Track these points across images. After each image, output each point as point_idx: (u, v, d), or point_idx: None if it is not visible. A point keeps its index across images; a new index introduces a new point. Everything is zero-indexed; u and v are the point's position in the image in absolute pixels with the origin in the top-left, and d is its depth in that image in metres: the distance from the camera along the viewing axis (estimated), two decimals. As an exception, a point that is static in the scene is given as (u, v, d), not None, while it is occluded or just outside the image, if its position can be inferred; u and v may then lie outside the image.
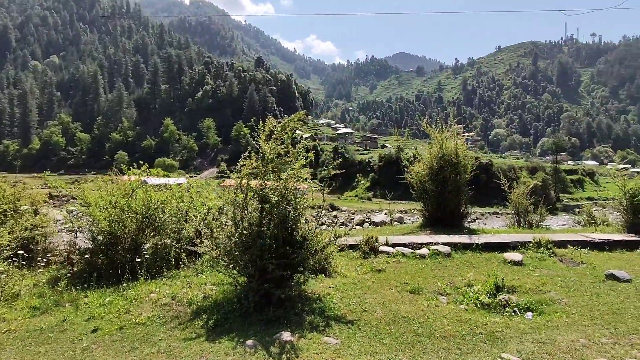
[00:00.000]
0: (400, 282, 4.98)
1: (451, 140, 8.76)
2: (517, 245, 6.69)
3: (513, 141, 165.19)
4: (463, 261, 6.04)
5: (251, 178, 4.48)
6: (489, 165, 44.61)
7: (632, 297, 4.45)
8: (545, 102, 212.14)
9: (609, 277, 5.12)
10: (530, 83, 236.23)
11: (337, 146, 72.51)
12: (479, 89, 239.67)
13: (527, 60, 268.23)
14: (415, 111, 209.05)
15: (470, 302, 4.37)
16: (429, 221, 8.85)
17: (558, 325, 3.71)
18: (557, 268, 5.68)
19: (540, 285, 4.86)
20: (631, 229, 7.78)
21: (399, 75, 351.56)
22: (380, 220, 27.06)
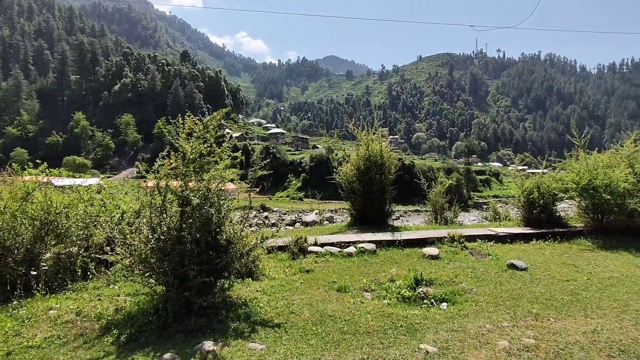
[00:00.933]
0: (328, 281, 5.04)
1: (377, 142, 9.14)
2: (434, 241, 7.20)
3: (432, 144, 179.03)
4: (387, 258, 6.33)
5: (171, 179, 4.18)
6: (411, 166, 47.72)
7: (528, 283, 5.04)
8: (459, 109, 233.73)
9: (510, 267, 5.74)
10: (446, 91, 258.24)
11: (269, 146, 71.81)
12: (402, 94, 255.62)
13: (444, 70, 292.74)
14: (345, 113, 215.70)
15: (393, 297, 4.57)
16: (356, 220, 9.14)
17: (468, 313, 4.04)
18: (468, 260, 6.22)
19: (454, 277, 5.27)
20: (527, 223, 8.86)
21: (329, 77, 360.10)
22: (311, 220, 27.38)
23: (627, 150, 8.95)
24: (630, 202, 7.93)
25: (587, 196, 8.28)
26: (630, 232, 8.02)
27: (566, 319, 3.88)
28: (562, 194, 8.92)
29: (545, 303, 4.31)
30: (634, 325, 3.69)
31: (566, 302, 4.36)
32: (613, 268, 5.83)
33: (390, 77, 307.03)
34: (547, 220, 8.69)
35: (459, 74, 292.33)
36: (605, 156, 8.98)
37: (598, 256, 6.59)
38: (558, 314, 3.99)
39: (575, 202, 9.18)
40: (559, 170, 10.17)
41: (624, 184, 7.82)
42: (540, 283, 5.04)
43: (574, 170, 8.79)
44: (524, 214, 9.02)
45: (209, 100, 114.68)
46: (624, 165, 8.49)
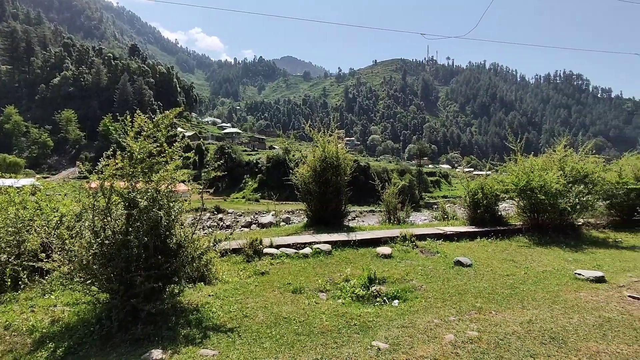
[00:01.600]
0: (283, 283, 5.01)
1: (333, 144, 9.25)
2: (388, 240, 7.43)
3: (387, 146, 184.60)
4: (342, 258, 6.42)
5: (116, 180, 3.95)
6: (366, 168, 48.86)
7: (472, 279, 5.35)
8: (412, 113, 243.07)
9: (456, 264, 6.06)
10: (400, 95, 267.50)
11: (224, 146, 70.05)
12: (358, 97, 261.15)
13: (398, 75, 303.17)
14: (302, 114, 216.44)
15: (347, 296, 4.65)
16: (312, 221, 9.18)
17: (418, 309, 4.21)
18: (418, 258, 6.48)
19: (405, 274, 5.47)
20: (473, 221, 9.41)
21: (287, 78, 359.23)
22: (267, 221, 27.08)
23: (558, 154, 9.81)
24: (561, 202, 8.67)
25: (525, 196, 8.94)
26: (562, 229, 8.78)
27: (506, 311, 4.17)
28: (503, 194, 9.58)
29: (487, 297, 4.60)
30: (562, 314, 4.04)
31: (506, 295, 4.68)
32: (547, 262, 6.35)
33: (347, 79, 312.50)
34: (490, 219, 9.30)
35: (412, 79, 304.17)
36: (540, 160, 9.76)
37: (534, 252, 7.15)
38: (499, 307, 4.27)
39: (514, 202, 9.88)
40: (501, 172, 10.90)
41: (556, 185, 8.55)
42: (484, 278, 5.37)
43: (513, 172, 9.46)
44: (470, 214, 9.57)
45: (160, 97, 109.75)
46: (556, 168, 9.29)
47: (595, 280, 5.24)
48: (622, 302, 4.48)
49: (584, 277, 5.34)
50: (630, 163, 11.12)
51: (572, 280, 5.31)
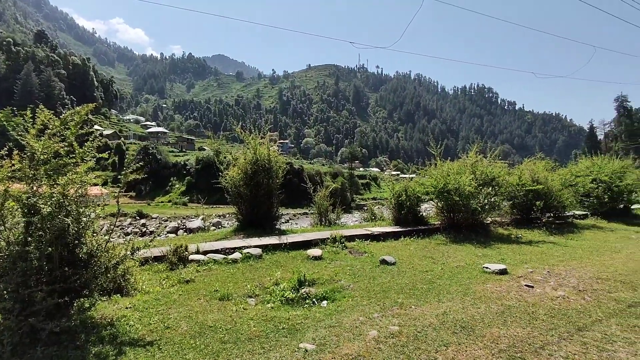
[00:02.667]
0: (209, 290, 4.83)
1: (265, 146, 9.17)
2: (318, 242, 7.56)
3: (320, 149, 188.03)
4: (273, 261, 6.38)
5: (13, 182, 3.48)
6: (300, 170, 49.23)
7: (396, 276, 5.67)
8: (344, 117, 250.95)
9: (382, 262, 6.38)
10: (333, 100, 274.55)
11: (148, 146, 65.37)
12: (293, 100, 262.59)
13: (331, 80, 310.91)
14: (235, 115, 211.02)
15: (277, 300, 4.62)
16: (243, 225, 8.98)
17: (345, 308, 4.34)
18: (347, 259, 6.69)
19: (334, 275, 5.61)
20: (397, 222, 9.99)
21: (218, 77, 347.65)
22: (196, 226, 25.89)
23: (471, 159, 10.85)
24: (473, 203, 9.59)
25: (443, 198, 9.73)
26: (473, 227, 9.71)
27: (424, 305, 4.48)
28: (424, 196, 10.32)
29: (408, 293, 4.91)
30: (472, 305, 4.47)
31: (425, 290, 5.04)
32: (460, 258, 6.97)
33: (281, 82, 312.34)
34: (413, 219, 9.95)
35: (344, 85, 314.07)
36: (455, 164, 10.70)
37: (450, 249, 7.81)
38: (418, 302, 4.58)
39: (434, 203, 10.70)
40: (422, 175, 11.73)
41: (469, 188, 9.44)
42: (406, 275, 5.72)
43: (433, 176, 10.25)
44: (395, 214, 10.14)
45: (74, 91, 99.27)
46: (469, 172, 10.26)
47: (499, 273, 5.89)
48: (520, 291, 5.09)
49: (490, 270, 5.96)
50: (529, 167, 12.69)
51: (480, 274, 5.90)
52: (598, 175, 14.38)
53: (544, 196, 11.45)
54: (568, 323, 4.01)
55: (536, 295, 4.89)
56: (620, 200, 14.63)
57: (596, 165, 15.31)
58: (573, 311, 4.37)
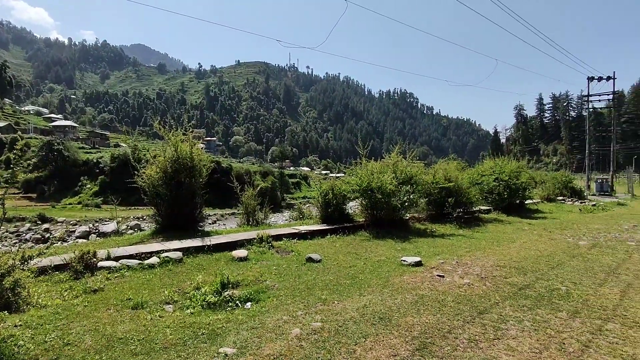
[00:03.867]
0: (121, 299, 4.43)
1: (187, 143, 8.71)
2: (244, 243, 7.39)
3: (250, 148, 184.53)
4: (194, 265, 6.08)
5: None
6: (228, 169, 47.73)
7: (321, 273, 5.78)
8: (275, 116, 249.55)
9: (308, 260, 6.45)
10: (263, 98, 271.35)
11: (52, 141, 57.98)
12: (221, 96, 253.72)
13: (261, 78, 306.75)
14: (156, 110, 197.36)
15: (197, 305, 4.41)
16: (162, 227, 8.43)
17: (269, 308, 4.30)
18: (273, 258, 6.65)
19: (260, 275, 5.53)
20: (324, 220, 10.20)
21: (138, 68, 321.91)
22: (111, 230, 23.65)
23: (392, 159, 11.51)
24: (393, 200, 10.17)
25: (367, 196, 10.17)
26: (394, 223, 10.31)
27: (346, 299, 4.63)
28: (350, 194, 10.68)
29: (332, 289, 5.03)
30: (390, 297, 4.73)
31: (348, 285, 5.21)
32: (381, 253, 7.35)
33: (208, 77, 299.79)
34: (339, 217, 10.24)
35: (275, 84, 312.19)
36: (378, 164, 11.26)
37: (373, 244, 8.19)
38: (341, 297, 4.72)
39: (359, 201, 11.14)
40: (349, 175, 12.13)
41: (390, 186, 9.99)
42: (330, 272, 5.86)
43: (358, 175, 10.66)
44: (322, 213, 10.34)
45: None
46: (390, 171, 10.86)
47: (415, 265, 6.33)
48: (432, 281, 5.52)
49: (407, 263, 6.38)
50: (442, 167, 13.84)
51: (399, 267, 6.28)
52: (499, 175, 16.23)
53: (455, 193, 12.58)
54: (471, 308, 4.44)
55: (446, 284, 5.35)
56: (517, 196, 16.69)
57: (498, 165, 17.25)
58: (476, 296, 4.85)
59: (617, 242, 9.12)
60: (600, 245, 8.77)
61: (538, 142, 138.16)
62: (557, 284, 5.50)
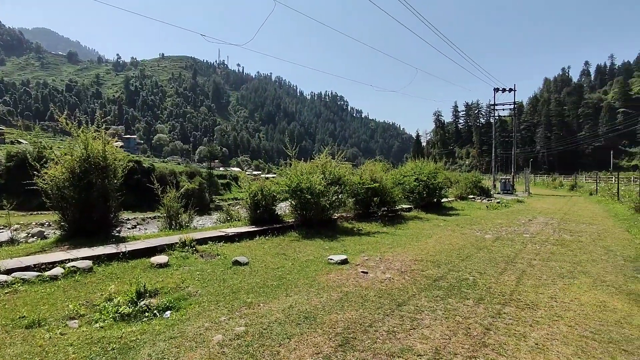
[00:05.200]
0: (12, 318, 3.87)
1: (100, 140, 7.94)
2: (165, 248, 6.96)
3: (175, 147, 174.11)
4: (107, 274, 5.55)
5: None
6: (150, 170, 44.53)
7: (247, 276, 5.66)
8: (203, 114, 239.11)
9: (234, 264, 6.28)
10: (190, 95, 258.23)
11: None
12: (142, 91, 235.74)
13: (188, 74, 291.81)
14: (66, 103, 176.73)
15: (108, 318, 4.03)
16: (69, 233, 7.57)
17: (190, 316, 4.09)
18: (197, 263, 6.35)
19: (181, 282, 5.24)
20: (253, 221, 10.03)
21: (42, 55, 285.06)
22: (5, 239, 20.62)
23: (321, 161, 11.72)
24: (322, 200, 10.37)
25: (296, 196, 10.22)
26: (323, 223, 10.52)
27: (272, 301, 4.59)
28: (280, 195, 10.64)
29: (258, 291, 4.96)
30: (316, 295, 4.80)
31: (275, 286, 5.18)
32: (310, 252, 7.44)
33: (128, 69, 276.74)
34: (268, 218, 10.15)
35: (203, 80, 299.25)
36: (308, 165, 11.40)
37: (302, 244, 8.25)
38: (267, 299, 4.67)
39: (289, 202, 11.15)
40: (279, 175, 12.09)
41: (319, 187, 10.17)
42: (257, 274, 5.77)
43: (288, 175, 10.67)
44: (251, 214, 10.16)
45: None
46: (319, 172, 11.06)
47: (341, 263, 6.52)
48: (357, 277, 5.72)
49: (334, 261, 6.54)
50: (369, 168, 14.46)
51: (325, 265, 6.41)
52: (419, 176, 17.45)
53: (380, 193, 13.23)
54: (391, 301, 4.70)
55: (369, 280, 5.59)
56: (434, 195, 18.10)
57: (418, 167, 18.54)
58: (396, 290, 5.15)
59: (516, 235, 10.35)
60: (502, 238, 9.88)
61: (454, 146, 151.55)
62: (466, 274, 6.07)
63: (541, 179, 69.97)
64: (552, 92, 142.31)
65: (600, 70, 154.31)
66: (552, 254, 7.81)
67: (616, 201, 21.50)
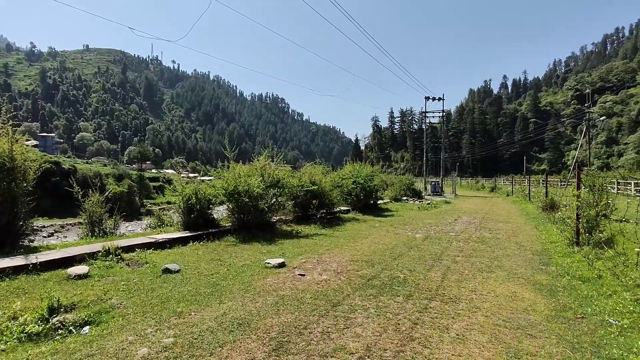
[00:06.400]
0: None
1: (5, 138, 7.04)
2: (86, 257, 6.36)
3: (101, 147, 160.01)
4: (12, 289, 4.92)
5: None
6: (71, 172, 40.49)
7: (179, 284, 5.38)
8: (133, 112, 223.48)
9: (164, 272, 5.93)
10: (119, 91, 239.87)
11: None
12: (62, 85, 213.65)
13: (117, 68, 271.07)
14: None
15: (12, 339, 3.57)
16: (-35, 245, 6.59)
17: (112, 330, 3.78)
18: (123, 273, 5.90)
19: (103, 294, 4.82)
20: (187, 226, 9.57)
21: None
22: None
23: (260, 163, 11.57)
24: (261, 203, 10.23)
25: (233, 200, 9.97)
26: (262, 226, 10.38)
27: (205, 309, 4.42)
28: (216, 198, 10.29)
29: (190, 299, 4.74)
30: (251, 301, 4.72)
31: (208, 294, 4.99)
32: (247, 257, 7.29)
33: (45, 60, 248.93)
34: (203, 223, 9.75)
35: (134, 76, 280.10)
36: (246, 167, 11.18)
37: (238, 249, 8.06)
38: (199, 307, 4.48)
39: (226, 205, 10.83)
40: (216, 178, 11.70)
41: (257, 189, 10.03)
42: (190, 281, 5.52)
43: (225, 178, 10.37)
44: (184, 219, 9.69)
45: None
46: (258, 174, 10.90)
47: (279, 266, 6.48)
48: (294, 280, 5.73)
49: (271, 265, 6.49)
50: (308, 171, 14.59)
51: (262, 269, 6.32)
52: (357, 178, 18.01)
53: (319, 195, 13.41)
54: (327, 302, 4.77)
55: (306, 282, 5.63)
56: (371, 197, 18.79)
57: (356, 170, 19.13)
58: (331, 291, 5.24)
59: (443, 234, 11.13)
60: (431, 237, 10.55)
61: (390, 150, 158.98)
62: (397, 272, 6.37)
63: (466, 182, 76.18)
64: (476, 102, 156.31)
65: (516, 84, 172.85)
66: (473, 250, 8.52)
67: (528, 201, 24.11)
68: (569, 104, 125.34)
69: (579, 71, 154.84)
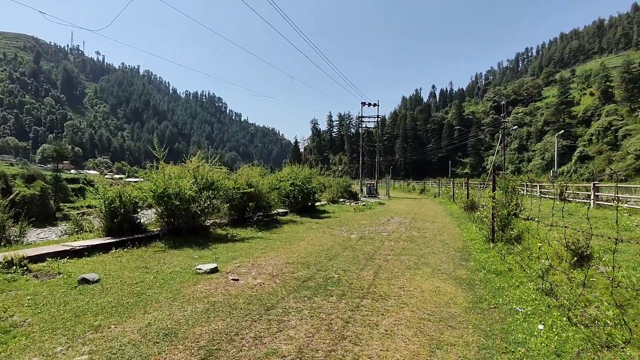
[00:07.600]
0: None
1: None
2: (-19, 270, 5.54)
3: (7, 144, 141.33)
4: None
5: None
6: (-32, 171, 35.18)
7: (97, 295, 4.92)
8: (48, 106, 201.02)
9: (81, 282, 5.39)
10: (31, 82, 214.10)
11: None
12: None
13: (28, 56, 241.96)
14: None
15: None
16: None
17: (12, 352, 3.33)
18: (29, 286, 5.24)
19: (2, 312, 4.24)
20: (109, 232, 8.80)
21: None
22: None
23: (193, 164, 11.07)
24: (193, 206, 9.79)
25: (163, 203, 9.40)
26: (194, 231, 9.92)
27: (127, 321, 4.09)
28: (143, 201, 9.62)
29: (110, 311, 4.36)
30: (179, 309, 4.47)
31: (131, 304, 4.62)
32: (176, 263, 6.91)
33: None
34: (129, 228, 9.06)
35: (49, 66, 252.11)
36: (177, 168, 10.61)
37: (167, 255, 7.61)
38: (120, 319, 4.14)
39: (154, 209, 10.18)
40: (145, 179, 10.93)
41: (190, 192, 9.57)
42: (110, 292, 5.07)
43: (154, 179, 9.74)
44: (106, 224, 8.91)
45: None
46: (190, 176, 10.42)
47: (211, 272, 6.24)
48: (227, 286, 5.55)
49: (203, 271, 6.22)
50: (245, 173, 14.30)
51: (193, 276, 6.04)
52: (295, 180, 18.06)
53: (256, 198, 13.21)
54: (260, 306, 4.69)
55: (239, 287, 5.49)
56: (309, 199, 18.96)
57: (294, 172, 19.18)
58: (266, 294, 5.17)
59: (376, 234, 11.59)
60: (365, 237, 10.93)
61: (328, 153, 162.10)
62: (332, 273, 6.49)
63: (399, 184, 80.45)
64: (408, 109, 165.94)
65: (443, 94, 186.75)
66: (403, 249, 8.99)
67: (452, 202, 26.11)
68: (488, 114, 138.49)
69: (497, 84, 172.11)
